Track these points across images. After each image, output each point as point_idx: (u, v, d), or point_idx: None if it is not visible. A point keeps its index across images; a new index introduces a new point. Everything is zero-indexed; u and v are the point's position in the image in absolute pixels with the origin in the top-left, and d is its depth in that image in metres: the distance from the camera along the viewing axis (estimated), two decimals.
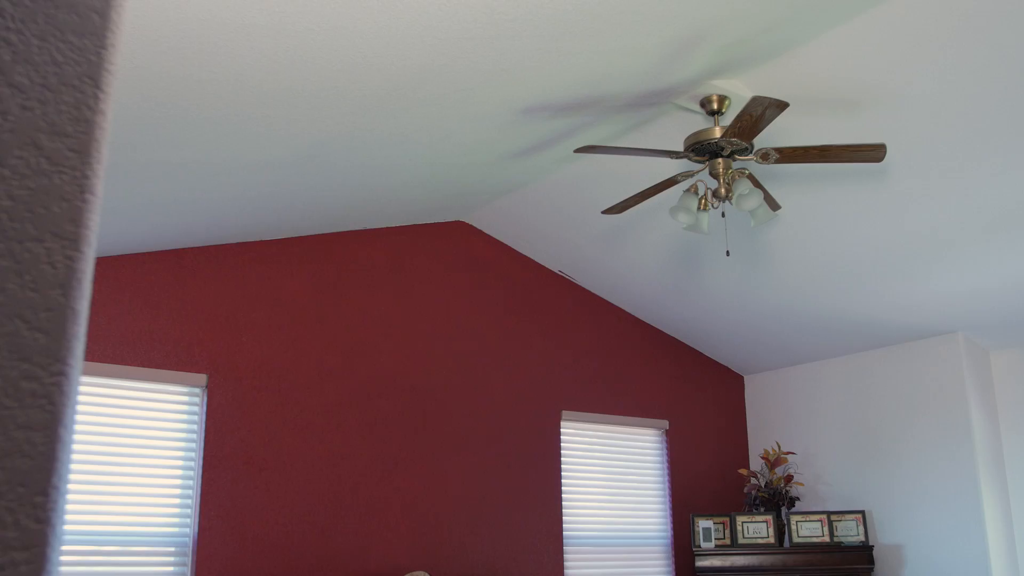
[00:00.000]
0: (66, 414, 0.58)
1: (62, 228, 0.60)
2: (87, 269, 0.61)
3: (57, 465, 0.57)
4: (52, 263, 0.59)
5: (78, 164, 0.61)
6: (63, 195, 0.60)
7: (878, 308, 5.65)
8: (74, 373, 0.59)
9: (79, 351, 0.60)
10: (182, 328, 4.69)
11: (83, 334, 0.60)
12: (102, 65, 0.64)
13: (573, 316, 6.25)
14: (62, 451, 0.58)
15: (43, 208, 0.59)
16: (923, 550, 5.81)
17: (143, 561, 4.38)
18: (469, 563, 5.36)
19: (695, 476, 6.60)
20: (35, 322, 0.58)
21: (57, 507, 0.57)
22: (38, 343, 0.57)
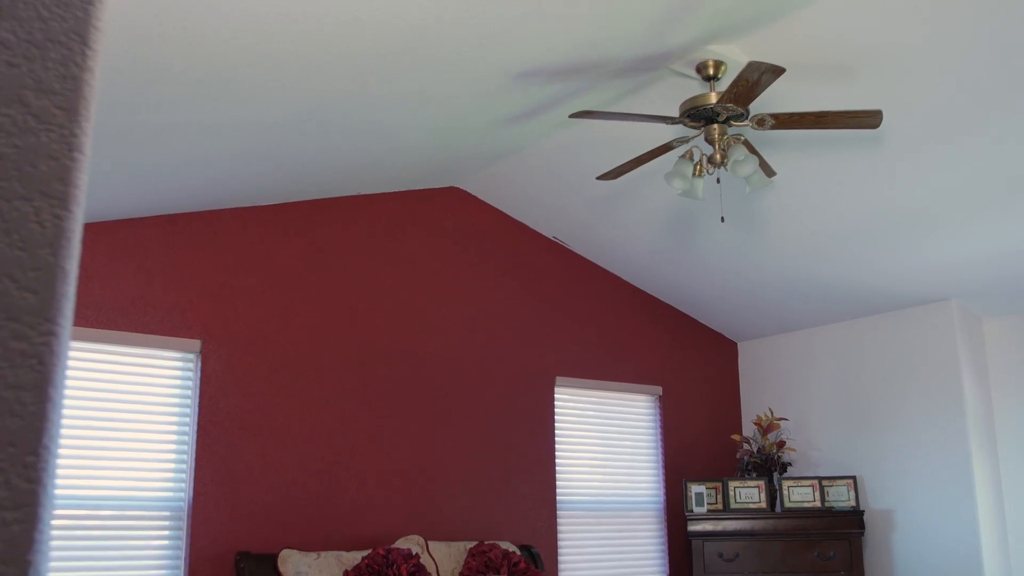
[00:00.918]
0: (56, 374, 0.58)
1: (50, 187, 0.59)
2: (76, 228, 0.60)
3: (48, 425, 0.57)
4: (40, 222, 0.58)
5: (66, 122, 0.61)
6: (51, 153, 0.60)
7: (872, 275, 5.66)
8: (64, 333, 0.59)
9: (69, 311, 0.59)
10: (176, 294, 4.68)
11: (73, 294, 0.60)
12: (89, 21, 0.63)
13: (567, 282, 6.26)
14: (52, 411, 0.57)
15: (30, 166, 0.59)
16: (913, 515, 5.86)
17: (138, 526, 4.41)
18: (463, 528, 5.40)
19: (688, 442, 6.64)
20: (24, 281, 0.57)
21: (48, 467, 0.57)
22: (27, 302, 0.57)
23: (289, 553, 4.59)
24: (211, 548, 4.53)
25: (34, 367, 0.56)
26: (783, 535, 5.79)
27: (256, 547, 4.67)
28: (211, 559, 4.52)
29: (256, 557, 4.56)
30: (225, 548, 4.57)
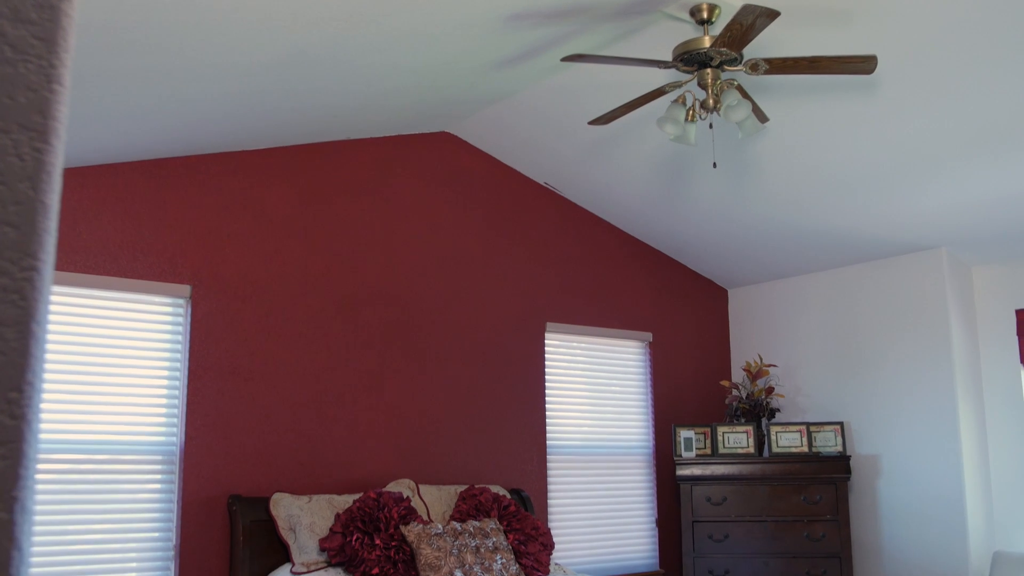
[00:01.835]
0: (39, 310, 0.57)
1: (29, 119, 0.58)
2: (57, 162, 0.59)
3: (31, 361, 0.56)
4: (20, 155, 0.57)
5: (44, 52, 0.59)
6: (29, 85, 0.58)
7: (863, 222, 5.66)
8: (46, 268, 0.58)
9: (51, 246, 0.58)
10: (164, 239, 4.65)
11: (55, 229, 0.59)
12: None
13: (558, 228, 6.24)
14: (36, 347, 0.57)
15: (8, 98, 0.57)
16: (899, 460, 5.93)
17: (131, 470, 4.43)
18: (453, 472, 5.45)
19: (677, 387, 6.68)
20: (4, 216, 0.56)
21: (32, 403, 0.56)
22: (7, 237, 0.56)
23: (281, 496, 4.63)
24: (203, 491, 4.56)
25: (16, 303, 0.56)
26: (770, 480, 5.86)
27: (248, 490, 4.70)
28: (203, 502, 4.55)
29: (248, 500, 4.60)
30: (217, 492, 4.61)
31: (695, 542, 5.86)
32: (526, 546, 4.89)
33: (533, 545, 4.92)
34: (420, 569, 4.39)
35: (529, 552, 4.87)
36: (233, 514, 4.56)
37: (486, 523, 4.81)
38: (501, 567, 4.62)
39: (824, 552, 5.71)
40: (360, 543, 4.37)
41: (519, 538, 4.90)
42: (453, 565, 4.44)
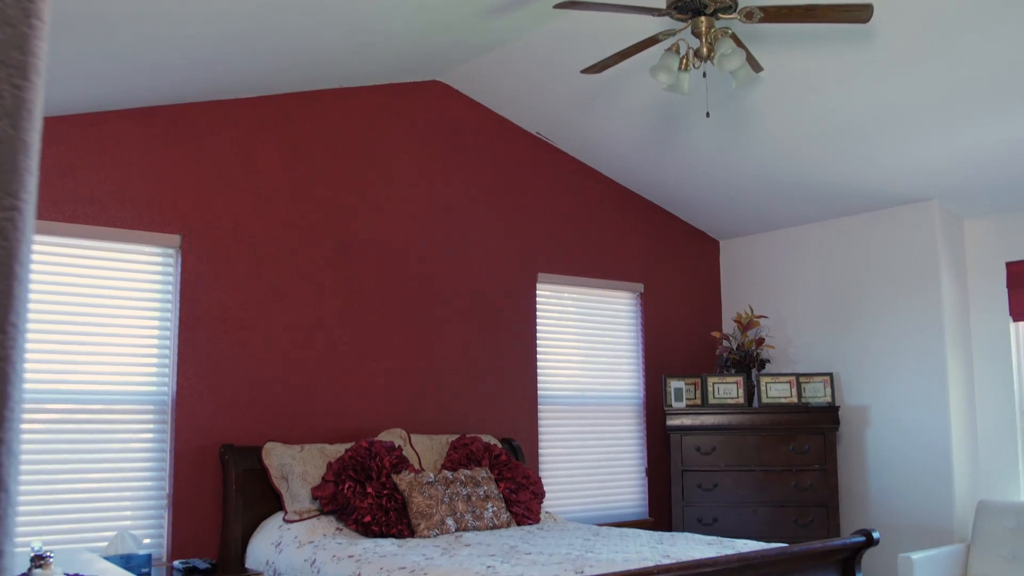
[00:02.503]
0: (21, 250, 0.56)
1: (7, 55, 0.56)
2: (37, 100, 0.58)
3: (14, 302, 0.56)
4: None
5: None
6: (7, 19, 0.57)
7: (856, 174, 5.64)
8: (27, 208, 0.57)
9: (32, 185, 0.57)
10: (154, 188, 4.62)
11: (36, 168, 0.58)
12: None
13: (550, 178, 6.21)
14: (19, 288, 0.56)
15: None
16: (887, 411, 5.98)
17: (124, 420, 4.44)
18: (445, 421, 5.47)
19: (668, 338, 6.70)
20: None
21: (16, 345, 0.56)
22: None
23: (273, 446, 4.65)
24: (195, 441, 4.58)
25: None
26: (759, 430, 5.91)
27: (240, 440, 4.72)
28: (196, 451, 4.57)
29: (240, 450, 4.62)
30: (209, 441, 4.63)
31: (684, 491, 5.91)
32: (517, 494, 4.93)
33: (524, 494, 4.97)
34: (412, 517, 4.43)
35: (520, 500, 4.92)
36: (225, 463, 4.58)
37: (477, 472, 4.85)
38: (492, 515, 4.66)
39: (812, 501, 5.78)
40: (352, 491, 4.41)
41: (510, 487, 4.94)
42: (444, 513, 4.48)
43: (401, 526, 4.38)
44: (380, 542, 4.13)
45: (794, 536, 5.65)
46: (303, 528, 4.32)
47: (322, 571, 3.83)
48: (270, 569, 4.20)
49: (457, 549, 3.93)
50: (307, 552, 4.05)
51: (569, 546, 4.00)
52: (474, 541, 4.16)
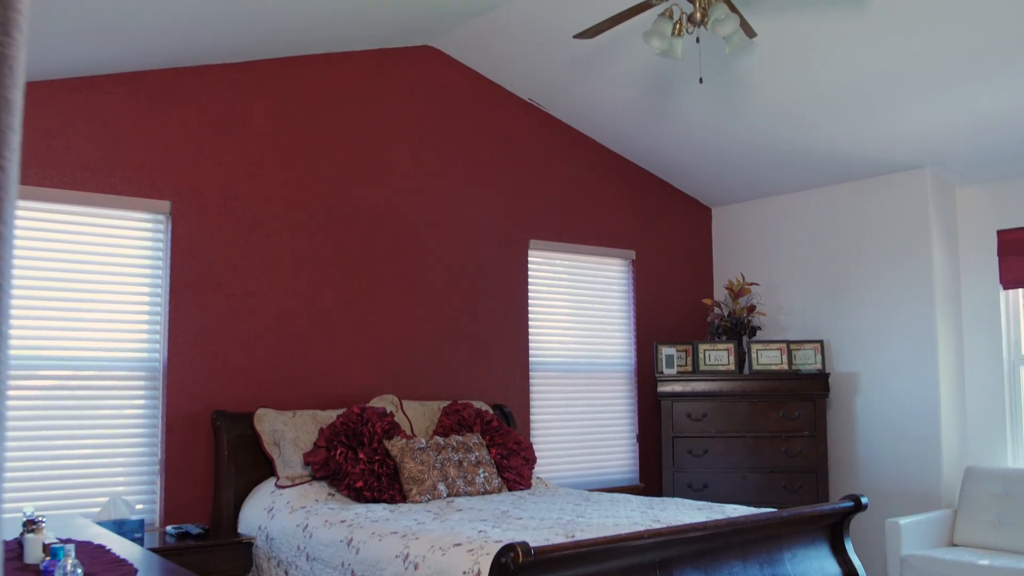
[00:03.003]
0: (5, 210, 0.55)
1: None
2: (19, 56, 0.57)
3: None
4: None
5: None
6: None
7: (849, 141, 5.63)
8: (11, 167, 0.56)
9: (15, 144, 0.56)
10: (143, 154, 4.58)
11: (18, 126, 0.57)
12: None
13: (542, 145, 6.19)
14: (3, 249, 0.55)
15: None
16: (877, 378, 6.00)
17: (116, 386, 4.44)
18: (436, 388, 5.48)
19: (660, 305, 6.71)
20: None
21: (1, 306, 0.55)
22: None
23: (265, 412, 4.66)
24: (187, 407, 4.58)
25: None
26: (750, 396, 5.93)
27: (232, 406, 4.72)
28: (187, 418, 4.58)
29: (232, 416, 4.63)
30: (201, 407, 4.63)
31: (675, 457, 5.95)
32: (508, 460, 4.95)
33: (515, 459, 4.99)
34: (404, 482, 4.45)
35: (511, 466, 4.94)
36: (217, 429, 4.59)
37: (469, 438, 4.87)
38: (483, 480, 4.69)
39: (801, 467, 5.82)
40: (344, 457, 4.42)
41: (501, 452, 4.96)
42: (436, 478, 4.50)
43: (393, 491, 4.40)
44: (372, 507, 4.15)
45: (784, 502, 5.70)
46: (295, 494, 4.33)
47: (314, 536, 3.85)
48: (263, 534, 4.22)
49: (449, 514, 3.95)
50: (299, 517, 4.07)
51: (560, 511, 4.03)
52: (466, 506, 4.18)
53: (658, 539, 3.03)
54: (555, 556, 2.74)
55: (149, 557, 2.58)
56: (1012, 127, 5.10)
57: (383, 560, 3.37)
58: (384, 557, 3.38)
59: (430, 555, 3.17)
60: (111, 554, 2.57)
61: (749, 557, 3.42)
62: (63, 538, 2.69)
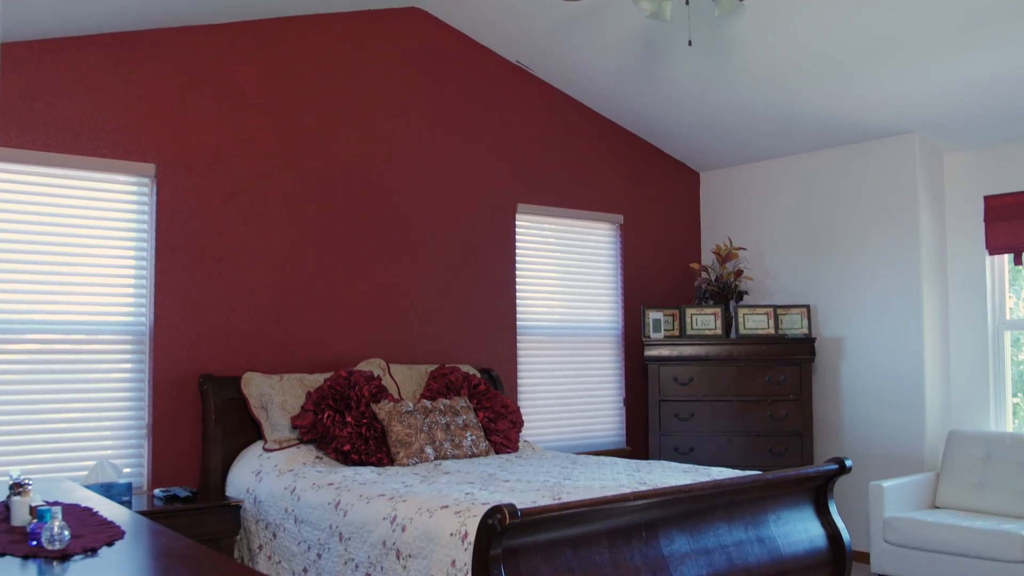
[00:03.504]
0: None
1: None
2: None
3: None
4: None
5: None
6: None
7: (838, 106, 5.61)
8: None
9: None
10: (128, 116, 4.54)
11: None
12: None
13: (530, 108, 6.15)
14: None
15: None
16: (862, 342, 6.04)
17: (102, 350, 4.42)
18: (424, 352, 5.49)
19: (647, 269, 6.72)
20: None
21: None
22: None
23: (252, 376, 4.66)
24: (174, 371, 4.58)
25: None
26: (736, 361, 5.96)
27: (219, 370, 4.72)
28: (175, 382, 4.57)
29: (219, 379, 4.62)
30: (188, 371, 4.62)
31: (661, 421, 5.98)
32: (495, 423, 4.97)
33: (502, 423, 5.01)
34: (391, 445, 4.46)
35: (498, 429, 4.96)
36: (204, 393, 4.59)
37: (456, 401, 4.88)
38: (471, 444, 4.71)
39: (786, 430, 5.86)
40: (332, 420, 4.43)
41: (488, 416, 4.98)
42: (424, 441, 4.52)
43: (380, 454, 4.42)
44: (360, 470, 4.17)
45: (769, 465, 5.75)
46: (283, 457, 4.34)
47: (302, 499, 3.87)
48: (250, 497, 4.24)
49: (436, 477, 3.97)
50: (287, 480, 4.08)
51: (547, 473, 4.05)
52: (453, 469, 4.20)
53: (644, 501, 3.05)
54: (542, 518, 2.76)
55: (137, 519, 2.58)
56: (1001, 92, 5.10)
57: (371, 522, 3.39)
58: (372, 519, 3.40)
59: (418, 517, 3.19)
60: (98, 516, 2.57)
61: (734, 519, 3.45)
62: (50, 501, 2.70)
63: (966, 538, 4.81)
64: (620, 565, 2.99)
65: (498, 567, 2.68)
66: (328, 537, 3.60)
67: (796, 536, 3.63)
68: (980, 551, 4.74)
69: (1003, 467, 5.31)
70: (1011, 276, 5.85)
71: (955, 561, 4.84)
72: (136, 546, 2.28)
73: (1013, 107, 5.24)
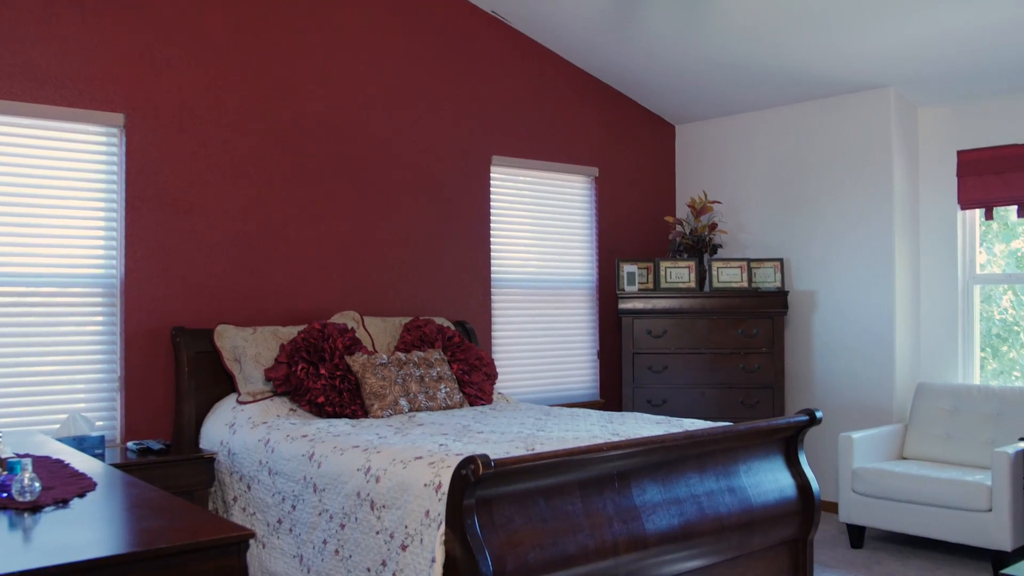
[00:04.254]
0: None
1: None
2: None
3: None
4: None
5: None
6: None
7: (815, 59, 5.60)
8: None
9: None
10: (95, 65, 4.45)
11: None
12: None
13: (506, 59, 6.09)
14: None
15: None
16: (834, 296, 6.08)
17: (73, 303, 4.38)
18: (398, 304, 5.48)
19: (622, 222, 6.72)
20: None
21: None
22: None
23: (225, 328, 4.63)
24: (146, 323, 4.54)
25: None
26: (710, 313, 5.99)
27: (191, 322, 4.69)
28: (147, 334, 4.54)
29: (192, 332, 4.60)
30: (160, 323, 4.59)
31: (635, 373, 6.02)
32: (470, 376, 4.98)
33: (477, 375, 5.02)
34: (365, 398, 4.47)
35: (473, 381, 4.97)
36: (177, 346, 4.56)
37: (430, 353, 4.88)
38: (445, 396, 4.72)
39: (758, 383, 5.92)
40: (305, 373, 4.42)
41: (463, 368, 4.99)
42: (398, 394, 4.52)
43: (355, 407, 4.42)
44: (334, 422, 4.17)
45: (741, 416, 5.81)
46: (257, 409, 4.34)
47: (276, 451, 3.87)
48: (224, 450, 4.23)
49: (410, 428, 3.98)
50: (261, 432, 4.08)
51: (521, 425, 4.07)
52: (427, 421, 4.21)
53: (617, 452, 3.07)
54: (515, 468, 2.78)
55: (110, 471, 2.58)
56: (977, 47, 5.10)
57: (345, 473, 3.40)
58: (346, 471, 3.41)
59: (391, 468, 3.20)
60: (70, 468, 2.56)
61: (706, 469, 3.49)
62: (21, 453, 2.68)
63: (932, 488, 4.90)
64: (593, 515, 3.02)
65: (471, 517, 2.70)
66: (302, 488, 3.61)
67: (766, 486, 3.67)
68: (946, 501, 4.83)
69: (969, 419, 5.39)
70: (982, 231, 5.90)
71: (921, 510, 4.93)
72: (108, 497, 2.27)
73: (988, 62, 5.25)
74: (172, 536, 1.82)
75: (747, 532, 3.53)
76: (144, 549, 1.71)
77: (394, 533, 3.05)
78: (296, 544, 3.58)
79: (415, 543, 2.95)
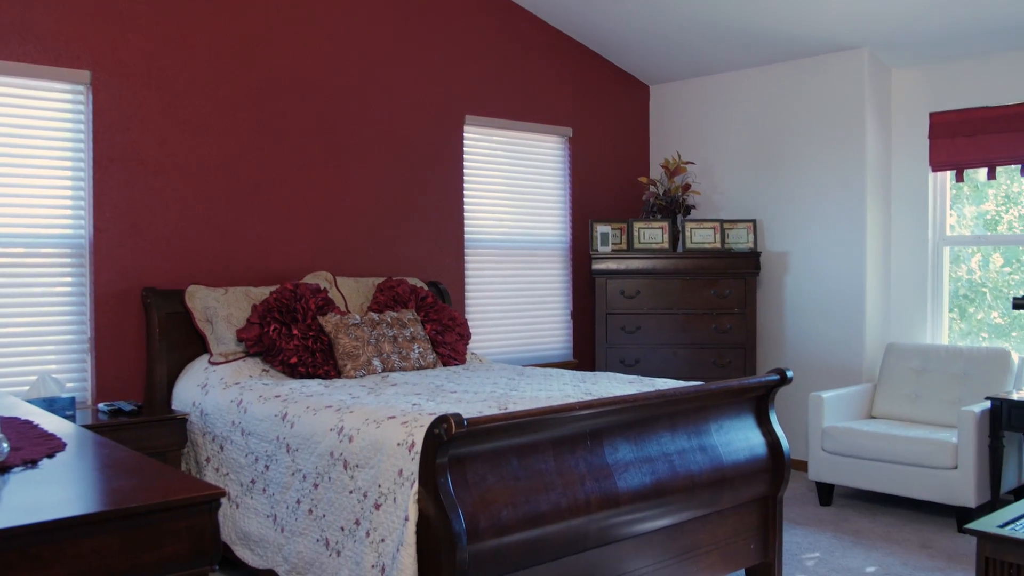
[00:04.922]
0: None
1: None
2: None
3: None
4: None
5: None
6: None
7: (789, 18, 5.58)
8: None
9: None
10: (59, 21, 4.36)
11: None
12: None
13: (478, 17, 6.03)
14: None
15: None
16: (806, 257, 6.12)
17: (41, 263, 4.33)
18: (371, 265, 5.45)
19: (596, 183, 6.71)
20: None
21: None
22: None
23: (196, 289, 4.60)
24: (116, 284, 4.50)
25: None
26: (683, 274, 6.01)
27: (162, 283, 4.65)
28: (117, 295, 4.50)
29: (163, 293, 4.56)
30: (130, 284, 4.55)
31: (608, 333, 6.04)
32: (443, 336, 4.98)
33: (450, 335, 5.02)
34: (338, 358, 4.46)
35: (446, 342, 4.98)
36: (148, 307, 4.53)
37: (403, 314, 4.88)
38: (418, 356, 4.72)
39: (730, 343, 5.96)
40: (278, 333, 4.40)
41: (436, 328, 4.98)
42: (371, 354, 4.52)
43: (328, 367, 4.42)
44: (307, 383, 4.17)
45: (713, 376, 5.85)
46: (229, 370, 4.32)
47: (249, 411, 3.86)
48: (197, 410, 4.22)
49: (383, 389, 3.99)
50: (233, 393, 4.07)
51: (494, 385, 4.08)
52: (400, 381, 4.22)
53: (589, 411, 3.09)
54: (488, 427, 2.79)
55: (80, 432, 2.56)
56: (952, 8, 5.10)
57: (318, 433, 3.40)
58: (319, 431, 3.41)
59: (364, 428, 3.21)
60: (39, 429, 2.54)
61: (677, 428, 3.51)
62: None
63: (900, 446, 4.97)
64: (565, 473, 3.04)
65: (444, 476, 2.71)
66: (275, 449, 3.60)
67: (737, 444, 3.71)
68: (913, 459, 4.91)
69: (937, 379, 5.46)
70: (952, 193, 5.94)
71: (889, 468, 5.00)
72: (79, 457, 2.26)
73: (962, 23, 5.25)
74: (143, 495, 1.81)
75: (718, 490, 3.56)
76: (115, 508, 1.70)
77: (367, 492, 3.06)
78: (270, 504, 3.59)
79: (388, 502, 2.96)
